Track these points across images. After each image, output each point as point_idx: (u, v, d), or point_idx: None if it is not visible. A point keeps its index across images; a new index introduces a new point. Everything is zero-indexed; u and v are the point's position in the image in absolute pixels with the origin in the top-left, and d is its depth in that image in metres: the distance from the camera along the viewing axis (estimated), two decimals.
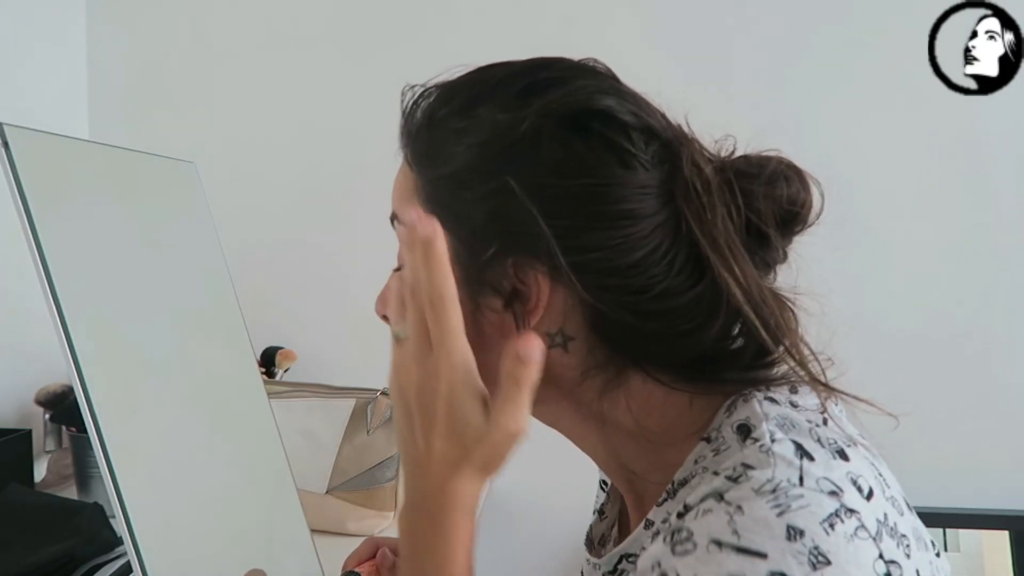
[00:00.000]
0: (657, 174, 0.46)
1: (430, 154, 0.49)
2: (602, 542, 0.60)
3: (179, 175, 0.72)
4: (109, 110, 1.47)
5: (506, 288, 0.47)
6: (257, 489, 0.69)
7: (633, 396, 0.49)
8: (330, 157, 1.42)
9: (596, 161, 0.46)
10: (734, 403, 0.46)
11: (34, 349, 1.23)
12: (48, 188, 0.52)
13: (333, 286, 1.43)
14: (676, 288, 0.46)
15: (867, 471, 0.41)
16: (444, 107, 0.49)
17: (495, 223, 0.46)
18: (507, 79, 0.48)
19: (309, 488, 1.02)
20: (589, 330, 0.47)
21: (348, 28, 1.41)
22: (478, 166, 0.47)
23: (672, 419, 0.49)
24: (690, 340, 0.46)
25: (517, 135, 0.46)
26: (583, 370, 0.48)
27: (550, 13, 1.36)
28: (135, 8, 1.47)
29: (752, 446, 0.41)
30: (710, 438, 0.46)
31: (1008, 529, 1.25)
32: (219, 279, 0.73)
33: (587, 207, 0.45)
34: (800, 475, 0.39)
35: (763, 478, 0.38)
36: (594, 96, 0.47)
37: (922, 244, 1.29)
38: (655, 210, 0.46)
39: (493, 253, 0.46)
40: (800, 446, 0.41)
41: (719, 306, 0.45)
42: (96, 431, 0.49)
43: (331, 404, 1.09)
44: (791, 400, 0.46)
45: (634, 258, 0.45)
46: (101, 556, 0.83)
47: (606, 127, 0.46)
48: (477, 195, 0.47)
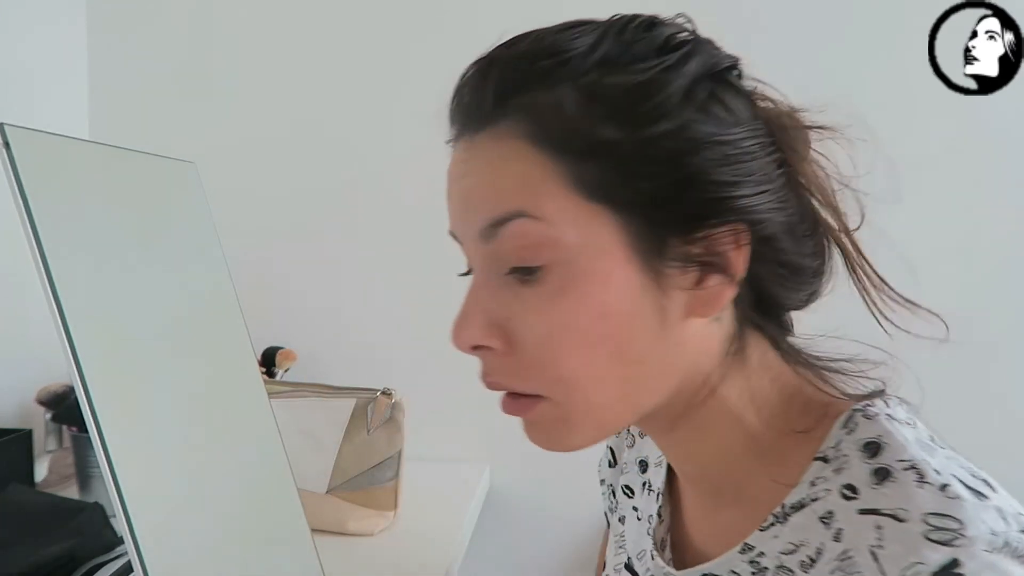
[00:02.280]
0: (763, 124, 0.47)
1: (568, 127, 0.43)
2: (662, 546, 0.56)
3: (179, 175, 0.72)
4: (109, 110, 1.47)
5: (702, 260, 0.43)
6: (257, 489, 0.69)
7: (749, 376, 0.47)
8: (330, 157, 1.42)
9: (745, 116, 0.45)
10: (852, 418, 0.44)
11: (34, 349, 1.23)
12: (48, 188, 0.52)
13: (333, 286, 1.43)
14: (806, 230, 0.47)
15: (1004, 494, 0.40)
16: (556, 73, 0.43)
17: (684, 191, 0.42)
18: (628, 37, 0.44)
19: (309, 488, 1.02)
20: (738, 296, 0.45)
21: (349, 28, 1.41)
22: (646, 135, 0.42)
23: (779, 406, 0.47)
24: (815, 283, 0.48)
25: (677, 98, 0.42)
26: (724, 339, 0.46)
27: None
28: (136, 8, 1.47)
29: (924, 486, 0.38)
30: (828, 458, 0.43)
31: None
32: (219, 279, 0.73)
33: (755, 162, 0.44)
34: (1003, 516, 0.37)
35: (986, 535, 0.35)
36: (716, 51, 0.47)
37: (922, 244, 1.29)
38: (770, 154, 0.46)
39: (687, 224, 0.43)
40: (964, 483, 0.38)
41: (826, 245, 0.48)
42: (96, 431, 0.49)
43: (331, 404, 1.09)
44: (902, 415, 0.44)
45: (792, 210, 0.46)
46: (102, 556, 0.83)
47: (739, 79, 0.47)
48: (656, 166, 0.42)
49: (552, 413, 0.46)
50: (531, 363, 0.45)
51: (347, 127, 1.42)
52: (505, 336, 0.45)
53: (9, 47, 1.28)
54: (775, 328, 0.48)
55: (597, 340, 0.43)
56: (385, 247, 1.42)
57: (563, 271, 0.43)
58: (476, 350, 0.47)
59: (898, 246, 0.50)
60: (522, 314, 0.44)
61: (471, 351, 0.47)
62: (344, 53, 1.41)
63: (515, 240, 0.43)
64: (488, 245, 0.45)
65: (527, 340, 0.44)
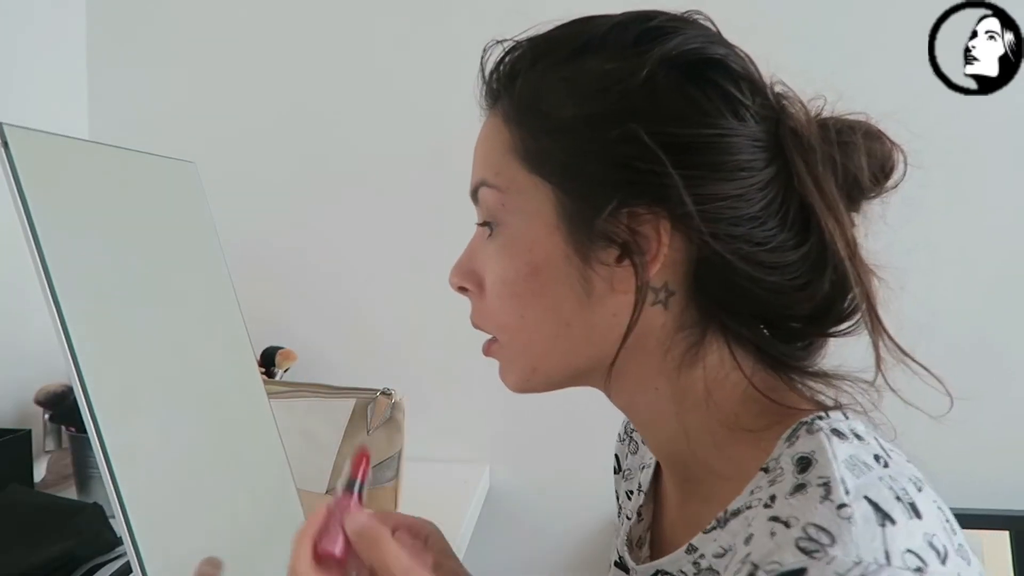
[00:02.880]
0: (764, 127, 0.46)
1: (533, 106, 0.48)
2: (639, 544, 0.58)
3: (179, 175, 0.72)
4: (109, 110, 1.47)
5: (622, 239, 0.46)
6: (257, 489, 0.69)
7: (708, 369, 0.48)
8: (331, 157, 1.42)
9: (714, 111, 0.45)
10: (796, 432, 0.44)
11: (34, 349, 1.23)
12: (48, 188, 0.52)
13: (333, 286, 1.43)
14: (788, 243, 0.46)
15: (939, 525, 0.39)
16: (544, 59, 0.48)
17: (616, 171, 0.45)
18: (616, 28, 0.47)
19: (309, 488, 1.02)
20: (689, 285, 0.47)
21: (349, 28, 1.41)
22: (593, 115, 0.46)
23: (734, 405, 0.48)
24: (790, 298, 0.46)
25: (635, 83, 0.45)
26: (675, 329, 0.48)
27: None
28: (135, 8, 1.47)
29: (824, 502, 0.38)
30: (768, 468, 0.43)
31: (1008, 529, 1.25)
32: (219, 279, 0.73)
33: (708, 156, 0.45)
34: (886, 550, 0.36)
35: (848, 560, 0.35)
36: (708, 45, 0.47)
37: (921, 244, 1.29)
38: (767, 163, 0.46)
39: (612, 203, 0.45)
40: (877, 507, 0.38)
41: (824, 265, 0.46)
42: (96, 431, 0.49)
43: (331, 404, 1.09)
44: (854, 430, 0.44)
45: (755, 209, 0.45)
46: (101, 556, 0.83)
47: (722, 77, 0.46)
48: (593, 144, 0.46)
49: (500, 353, 0.54)
50: (487, 307, 0.52)
51: (348, 127, 1.41)
52: (477, 281, 0.53)
53: (9, 47, 1.28)
54: (749, 330, 0.48)
55: (528, 294, 0.49)
56: (386, 247, 1.42)
57: (506, 231, 0.50)
58: (461, 291, 0.55)
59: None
60: (484, 264, 0.52)
61: (458, 291, 0.55)
62: (346, 54, 1.41)
63: (482, 203, 0.51)
64: (477, 205, 0.53)
65: (486, 287, 0.52)
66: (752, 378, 0.48)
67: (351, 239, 1.43)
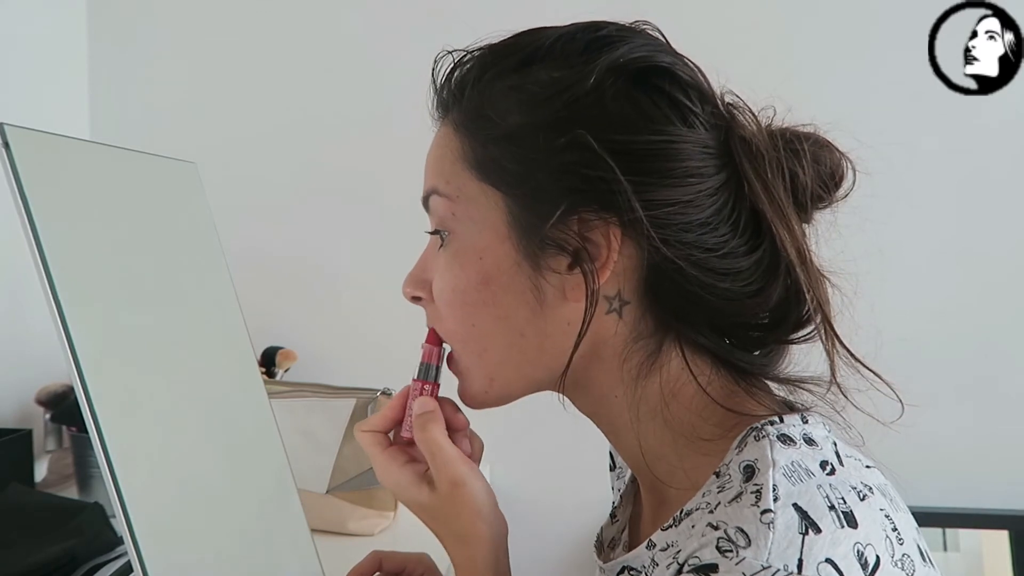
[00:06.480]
0: (714, 135, 0.47)
1: (482, 115, 0.48)
2: (612, 545, 0.59)
3: (179, 175, 0.72)
4: (109, 110, 1.47)
5: (572, 246, 0.46)
6: (257, 489, 0.69)
7: (666, 378, 0.48)
8: (331, 157, 1.42)
9: (662, 118, 0.46)
10: (744, 439, 0.44)
11: (34, 349, 1.23)
12: (48, 188, 0.52)
13: (333, 286, 1.43)
14: (740, 249, 0.46)
15: (876, 534, 0.39)
16: (493, 68, 0.49)
17: (565, 178, 0.45)
18: (564, 37, 0.48)
19: (309, 488, 1.02)
20: (643, 294, 0.47)
21: (350, 28, 1.41)
22: (541, 123, 0.46)
23: (692, 413, 0.48)
24: (743, 305, 0.47)
25: (582, 91, 0.45)
26: (631, 338, 0.48)
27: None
28: (135, 8, 1.47)
29: (752, 507, 0.39)
30: (719, 473, 0.44)
31: (1008, 529, 1.25)
32: (219, 279, 0.73)
33: (656, 163, 0.45)
34: (799, 559, 0.36)
35: (756, 563, 0.36)
36: (656, 54, 0.47)
37: (921, 244, 1.29)
38: (717, 170, 0.46)
39: (560, 210, 0.45)
40: (806, 515, 0.38)
41: (777, 271, 0.46)
42: (96, 431, 0.49)
43: (331, 404, 1.09)
44: (807, 435, 0.44)
45: (705, 215, 0.45)
46: (101, 556, 0.83)
47: (670, 85, 0.47)
48: (541, 152, 0.46)
49: (456, 363, 0.54)
50: (439, 316, 0.53)
51: (349, 127, 1.41)
52: (431, 291, 0.53)
53: (9, 47, 1.28)
54: (707, 339, 0.48)
55: (480, 303, 0.49)
56: (386, 247, 1.41)
57: (456, 239, 0.50)
58: (415, 301, 0.55)
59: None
60: (436, 273, 0.52)
61: (411, 301, 0.56)
62: (346, 54, 1.41)
63: (433, 211, 0.52)
64: (428, 213, 0.53)
65: (436, 296, 0.52)
66: (709, 387, 0.48)
67: (352, 239, 1.43)
